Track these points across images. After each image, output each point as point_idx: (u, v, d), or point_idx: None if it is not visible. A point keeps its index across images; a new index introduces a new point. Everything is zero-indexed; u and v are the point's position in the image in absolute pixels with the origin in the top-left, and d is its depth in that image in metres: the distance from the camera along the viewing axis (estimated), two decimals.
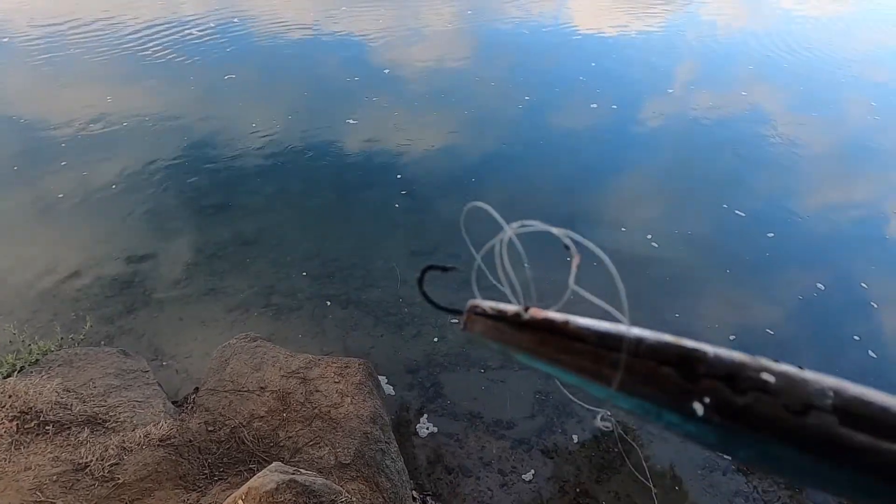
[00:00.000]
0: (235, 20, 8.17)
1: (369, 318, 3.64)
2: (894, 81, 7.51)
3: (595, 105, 6.40)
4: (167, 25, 7.93)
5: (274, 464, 2.01)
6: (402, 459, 2.58)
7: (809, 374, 0.29)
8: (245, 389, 2.62)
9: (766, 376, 0.28)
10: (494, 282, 0.36)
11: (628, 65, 7.46)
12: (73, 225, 4.33)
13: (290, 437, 2.39)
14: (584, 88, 6.77)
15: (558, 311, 0.35)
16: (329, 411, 2.52)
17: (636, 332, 0.31)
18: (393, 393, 3.16)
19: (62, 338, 2.81)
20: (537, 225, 0.36)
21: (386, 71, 6.97)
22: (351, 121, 5.85)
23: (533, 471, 2.78)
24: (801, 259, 4.33)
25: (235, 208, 4.58)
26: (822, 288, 4.03)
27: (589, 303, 0.34)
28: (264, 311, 3.68)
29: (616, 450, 2.88)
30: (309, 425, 2.45)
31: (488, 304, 0.37)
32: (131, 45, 7.35)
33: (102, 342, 3.28)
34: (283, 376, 2.69)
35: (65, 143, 5.29)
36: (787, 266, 4.23)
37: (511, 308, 0.35)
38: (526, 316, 0.35)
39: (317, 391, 2.65)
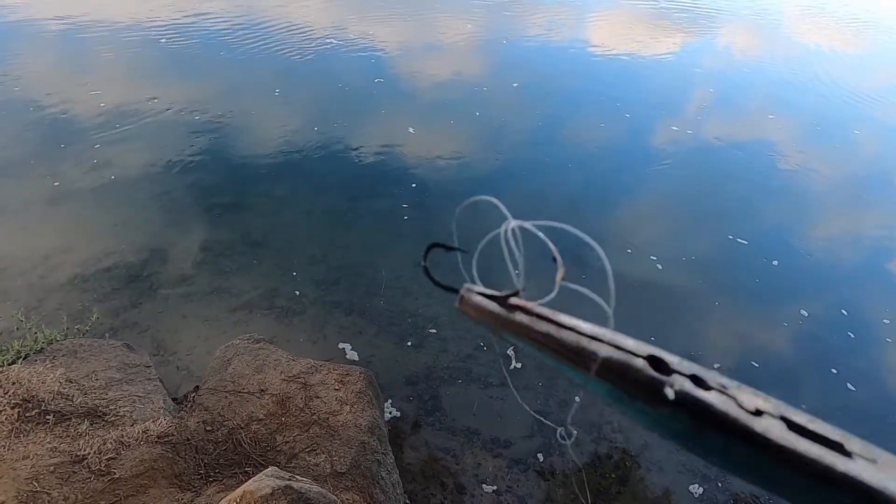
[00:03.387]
0: (253, 22, 8.30)
1: (372, 327, 3.64)
2: None
3: (605, 126, 6.44)
4: (197, 22, 8.07)
5: (270, 468, 2.01)
6: (398, 472, 2.56)
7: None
8: (245, 391, 2.62)
9: (725, 381, 0.33)
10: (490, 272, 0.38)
11: (641, 89, 7.51)
12: (86, 214, 4.37)
13: (287, 442, 2.38)
14: (596, 110, 6.81)
15: (543, 305, 0.38)
16: (328, 418, 2.51)
17: (610, 339, 0.34)
18: (391, 404, 3.15)
19: (68, 328, 2.82)
20: (536, 225, 0.39)
21: (409, 80, 7.05)
22: (369, 128, 5.90)
23: (528, 492, 2.76)
24: (805, 288, 4.34)
25: (245, 209, 4.62)
26: (816, 317, 4.05)
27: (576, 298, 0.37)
28: (268, 313, 3.69)
29: (614, 475, 2.85)
30: (307, 431, 2.44)
31: (482, 290, 0.39)
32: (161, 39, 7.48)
33: (107, 334, 3.30)
34: (283, 380, 2.69)
35: (98, 131, 5.36)
36: (787, 295, 4.25)
37: (504, 292, 0.38)
38: (516, 301, 0.37)
39: (316, 397, 2.64)
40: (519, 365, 3.39)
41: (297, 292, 3.85)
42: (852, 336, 3.94)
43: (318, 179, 5.05)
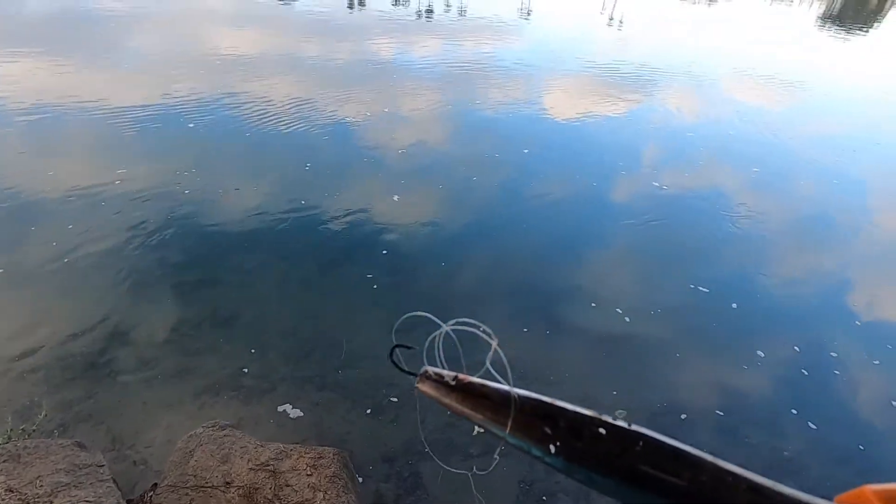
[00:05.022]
0: (222, 98, 8.52)
1: (346, 402, 3.50)
2: (844, 165, 8.14)
3: (569, 184, 6.72)
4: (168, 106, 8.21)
5: None
6: None
7: (634, 429, 0.44)
8: (209, 485, 2.43)
9: (600, 430, 0.44)
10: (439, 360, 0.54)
11: (596, 147, 7.94)
12: (38, 296, 4.18)
13: None
14: (560, 171, 7.13)
15: (479, 377, 0.51)
16: None
17: (521, 393, 0.48)
18: (368, 485, 2.97)
19: (11, 429, 2.60)
20: (459, 322, 0.53)
21: (377, 150, 7.25)
22: (339, 197, 5.97)
23: None
24: (761, 328, 4.50)
25: (213, 284, 4.51)
26: (771, 357, 4.16)
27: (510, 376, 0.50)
28: (235, 394, 3.51)
29: None
30: None
31: (434, 371, 0.53)
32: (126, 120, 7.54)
33: (56, 431, 3.05)
34: (251, 469, 2.52)
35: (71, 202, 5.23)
36: (744, 337, 4.39)
37: (447, 374, 0.52)
38: (452, 382, 0.51)
39: (287, 485, 2.47)
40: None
41: (267, 369, 3.70)
42: (806, 373, 4.04)
43: (288, 250, 5.02)
